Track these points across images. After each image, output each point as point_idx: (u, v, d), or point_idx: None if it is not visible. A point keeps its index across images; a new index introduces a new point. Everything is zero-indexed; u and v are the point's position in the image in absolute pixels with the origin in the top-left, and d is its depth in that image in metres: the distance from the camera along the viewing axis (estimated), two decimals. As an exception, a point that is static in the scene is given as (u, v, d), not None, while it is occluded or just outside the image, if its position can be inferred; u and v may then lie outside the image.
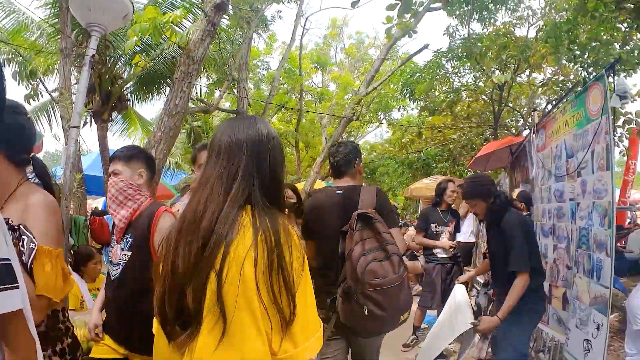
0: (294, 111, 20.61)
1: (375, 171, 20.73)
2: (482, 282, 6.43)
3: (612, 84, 3.23)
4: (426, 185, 11.04)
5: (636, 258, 7.90)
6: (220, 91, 12.75)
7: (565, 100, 4.49)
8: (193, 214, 1.28)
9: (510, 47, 9.30)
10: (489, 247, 3.70)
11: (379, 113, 18.49)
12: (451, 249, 5.55)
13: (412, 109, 16.36)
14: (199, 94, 13.90)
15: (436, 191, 5.88)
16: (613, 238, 3.00)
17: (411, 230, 10.67)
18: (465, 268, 6.06)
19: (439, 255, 5.58)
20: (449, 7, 9.86)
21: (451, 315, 3.76)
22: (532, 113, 5.99)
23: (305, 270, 1.28)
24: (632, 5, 7.10)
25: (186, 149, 12.67)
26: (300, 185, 12.97)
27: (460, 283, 4.00)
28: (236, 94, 12.96)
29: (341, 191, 2.78)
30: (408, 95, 13.69)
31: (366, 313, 2.29)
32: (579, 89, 4.06)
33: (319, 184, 13.00)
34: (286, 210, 1.49)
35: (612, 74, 3.22)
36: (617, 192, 9.40)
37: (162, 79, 10.47)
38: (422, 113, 15.21)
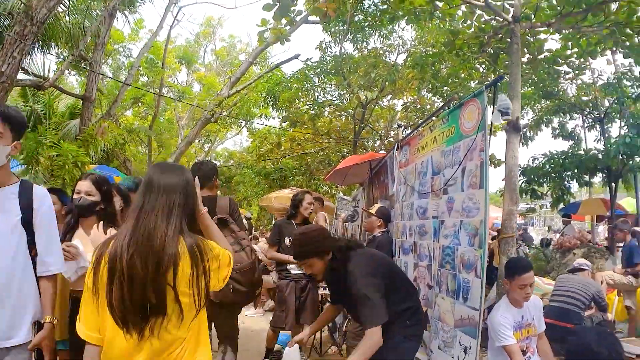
0: (150, 107, 19.28)
1: (231, 179, 20.15)
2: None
3: (494, 100, 3.15)
4: (287, 196, 10.72)
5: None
6: (63, 67, 11.24)
7: (435, 117, 4.46)
8: (146, 235, 1.74)
9: (380, 67, 9.50)
10: (336, 294, 3.32)
11: (240, 120, 18.04)
12: None
13: (274, 118, 16.20)
14: (45, 71, 12.18)
15: (292, 203, 5.50)
16: (484, 258, 2.86)
17: (262, 243, 10.28)
18: (320, 284, 5.77)
19: (292, 271, 5.20)
20: (326, 22, 9.87)
21: None
22: (397, 129, 5.99)
23: (218, 262, 1.90)
24: (492, 50, 7.62)
25: (25, 135, 10.96)
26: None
27: (295, 342, 3.32)
28: (88, 76, 11.62)
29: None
30: (271, 103, 13.47)
31: (232, 290, 3.01)
32: (453, 105, 4.04)
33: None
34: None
35: (493, 91, 3.15)
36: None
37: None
38: (284, 124, 15.10)
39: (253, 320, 7.75)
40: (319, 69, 11.88)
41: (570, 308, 5.10)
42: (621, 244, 7.80)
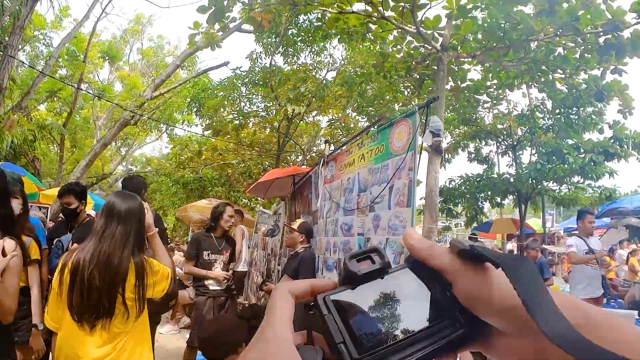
0: (66, 102, 18.11)
1: (147, 187, 19.31)
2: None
3: (426, 121, 3.16)
4: (205, 206, 10.27)
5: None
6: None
7: (364, 134, 4.46)
8: (106, 256, 2.29)
9: (309, 82, 9.53)
10: None
11: (162, 124, 17.36)
12: (225, 281, 4.99)
13: (197, 125, 15.70)
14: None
15: (212, 215, 5.27)
16: (410, 278, 2.84)
17: (177, 255, 9.83)
18: (239, 300, 5.57)
19: (210, 287, 4.95)
20: (259, 33, 9.79)
21: None
22: (324, 144, 5.97)
23: (157, 276, 2.47)
24: (417, 76, 7.90)
25: None
26: (55, 191, 11.09)
27: None
28: (1, 60, 10.69)
29: None
30: (196, 109, 13.08)
31: None
32: (383, 123, 4.05)
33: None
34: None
35: (426, 112, 3.17)
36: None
37: None
38: (207, 132, 14.72)
39: (167, 339, 7.32)
40: (247, 79, 11.70)
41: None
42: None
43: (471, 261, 0.42)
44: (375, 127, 4.32)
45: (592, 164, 9.43)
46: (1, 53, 10.66)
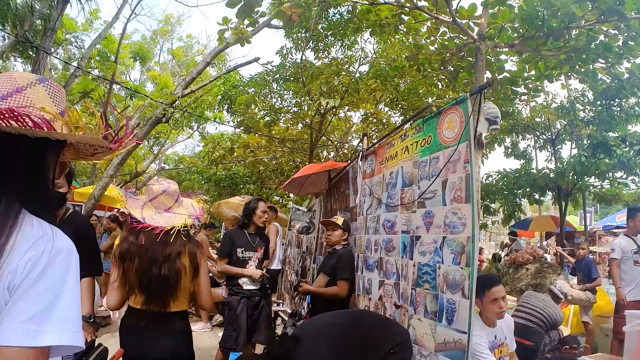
0: (99, 103, 18.23)
1: (180, 185, 19.38)
2: (289, 311, 5.93)
3: (479, 108, 2.92)
4: (238, 203, 10.06)
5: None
6: (5, 47, 10.40)
7: (409, 124, 4.24)
8: None
9: (342, 76, 9.35)
10: None
11: (193, 122, 17.32)
12: (260, 279, 4.81)
13: (228, 122, 15.57)
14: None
15: (244, 211, 5.09)
16: (473, 278, 2.63)
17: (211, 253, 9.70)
18: (273, 300, 5.41)
19: (245, 287, 4.76)
20: (288, 28, 9.64)
21: None
22: (363, 138, 5.78)
23: None
24: (452, 69, 7.63)
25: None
26: (89, 189, 11.28)
27: None
28: (34, 63, 10.81)
29: None
30: (227, 106, 12.98)
31: None
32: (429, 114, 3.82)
33: (112, 190, 11.42)
34: None
35: (479, 99, 2.93)
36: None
37: None
38: (238, 129, 14.63)
39: (200, 337, 7.17)
40: (277, 75, 11.55)
41: (532, 326, 4.98)
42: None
43: None
44: (420, 117, 4.09)
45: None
46: (34, 56, 10.73)
